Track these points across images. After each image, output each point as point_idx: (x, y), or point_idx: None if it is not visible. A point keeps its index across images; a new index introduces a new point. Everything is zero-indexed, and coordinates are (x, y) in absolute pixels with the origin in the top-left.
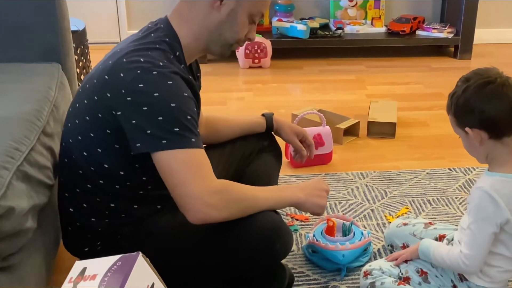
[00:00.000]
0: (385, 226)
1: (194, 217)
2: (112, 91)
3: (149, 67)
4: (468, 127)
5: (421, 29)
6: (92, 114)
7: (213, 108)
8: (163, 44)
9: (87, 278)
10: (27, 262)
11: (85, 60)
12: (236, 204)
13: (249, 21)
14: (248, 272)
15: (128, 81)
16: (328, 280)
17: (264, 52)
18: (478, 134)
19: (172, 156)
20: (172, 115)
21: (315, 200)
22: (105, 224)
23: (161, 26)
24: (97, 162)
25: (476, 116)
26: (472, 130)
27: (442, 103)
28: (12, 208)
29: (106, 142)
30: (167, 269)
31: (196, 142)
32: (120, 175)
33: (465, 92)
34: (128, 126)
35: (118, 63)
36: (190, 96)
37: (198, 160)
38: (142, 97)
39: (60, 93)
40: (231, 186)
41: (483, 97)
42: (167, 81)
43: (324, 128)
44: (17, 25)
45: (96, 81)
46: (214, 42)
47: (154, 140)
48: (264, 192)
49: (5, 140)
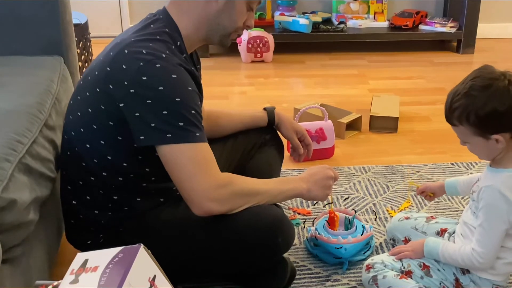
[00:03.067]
0: (387, 220)
1: (199, 209)
2: (114, 82)
3: (152, 59)
4: (496, 134)
5: (423, 23)
6: (95, 106)
7: (215, 102)
8: (163, 35)
9: (88, 270)
10: (29, 254)
11: (87, 54)
12: (239, 197)
13: (247, 8)
14: (250, 266)
15: (131, 73)
16: (330, 274)
17: (266, 47)
18: (503, 137)
19: (178, 150)
20: (177, 110)
21: (318, 191)
22: (108, 217)
23: (160, 17)
24: (100, 154)
25: (506, 120)
26: (501, 135)
27: (444, 97)
28: (14, 200)
29: (109, 133)
30: (169, 263)
31: (201, 136)
32: (123, 167)
33: (488, 100)
34: (132, 118)
35: (119, 55)
36: (194, 89)
37: (203, 155)
38: (146, 90)
39: (62, 86)
40: (236, 179)
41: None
42: (171, 75)
43: (326, 122)
44: (19, 18)
45: (97, 73)
46: (213, 32)
47: (159, 134)
48: (268, 185)
49: (7, 132)
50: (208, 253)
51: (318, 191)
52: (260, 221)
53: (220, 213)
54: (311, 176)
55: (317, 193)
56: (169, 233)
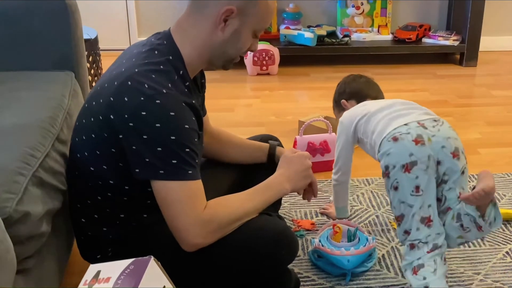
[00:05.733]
0: (389, 232)
1: (187, 247)
2: (116, 114)
3: (153, 94)
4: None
5: (427, 36)
6: (98, 132)
7: (221, 115)
8: (167, 65)
9: (101, 281)
10: (42, 265)
11: (97, 68)
12: (227, 227)
13: (252, 36)
14: (255, 277)
15: (131, 107)
16: (333, 285)
17: (272, 59)
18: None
19: (168, 187)
20: (170, 148)
21: (301, 184)
22: (116, 232)
23: (164, 43)
24: (104, 178)
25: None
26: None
27: (447, 110)
28: (28, 212)
29: (111, 159)
30: (175, 275)
31: (193, 174)
32: (125, 189)
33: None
34: (129, 150)
35: (123, 86)
36: (192, 126)
37: (192, 192)
38: (144, 126)
39: (73, 100)
40: (219, 210)
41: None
42: (169, 112)
43: (330, 135)
44: (31, 33)
45: (102, 100)
46: (217, 58)
47: (152, 169)
48: (252, 200)
49: (21, 146)
50: (212, 266)
51: (299, 185)
52: (264, 235)
53: (208, 244)
54: (291, 170)
55: (299, 187)
56: (175, 247)
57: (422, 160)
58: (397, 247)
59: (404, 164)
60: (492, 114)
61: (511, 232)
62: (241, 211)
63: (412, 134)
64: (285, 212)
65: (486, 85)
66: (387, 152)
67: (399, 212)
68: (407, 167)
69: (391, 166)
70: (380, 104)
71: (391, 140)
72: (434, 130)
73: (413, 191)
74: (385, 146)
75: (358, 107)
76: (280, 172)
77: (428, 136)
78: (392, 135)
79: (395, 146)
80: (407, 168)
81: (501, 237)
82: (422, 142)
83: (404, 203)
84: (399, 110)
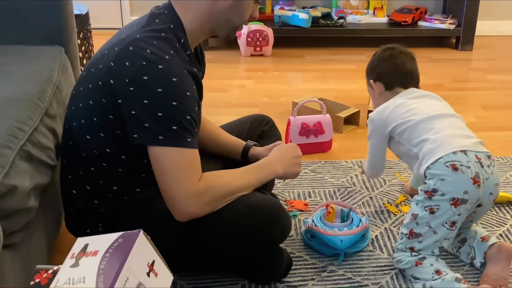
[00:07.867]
0: (383, 213)
1: (179, 216)
2: (116, 78)
3: (155, 59)
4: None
5: (423, 20)
6: (96, 99)
7: (214, 95)
8: (168, 32)
9: (89, 254)
10: (29, 240)
11: (88, 45)
12: (220, 200)
13: (254, 0)
14: (247, 255)
15: (132, 71)
16: (326, 265)
17: (265, 40)
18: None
19: (166, 154)
20: (171, 113)
21: (292, 170)
22: (107, 206)
23: (165, 12)
24: (100, 146)
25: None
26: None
27: (442, 94)
28: (15, 186)
29: (108, 127)
30: (167, 252)
31: (192, 142)
32: (121, 159)
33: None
34: (128, 115)
35: (124, 51)
36: (193, 94)
37: (189, 161)
38: (145, 90)
39: (63, 75)
40: (215, 181)
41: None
42: (171, 78)
43: (324, 116)
44: (20, 8)
45: (101, 66)
46: (220, 27)
47: (151, 134)
48: (246, 177)
49: (9, 120)
50: (204, 243)
51: (291, 170)
52: (257, 212)
53: (200, 216)
54: (284, 155)
55: (290, 172)
56: (167, 223)
57: (472, 201)
58: (390, 228)
59: (456, 198)
60: (487, 98)
61: (504, 215)
62: (235, 185)
63: (472, 170)
64: (278, 192)
65: (482, 69)
66: (442, 177)
67: (418, 230)
68: (456, 201)
69: (441, 192)
70: (423, 110)
71: (450, 167)
72: (489, 171)
73: (448, 223)
74: (441, 169)
75: (390, 107)
76: (273, 155)
77: (483, 177)
78: (452, 161)
79: (453, 176)
80: (456, 202)
81: (495, 219)
82: (479, 184)
83: (431, 228)
84: (452, 126)
